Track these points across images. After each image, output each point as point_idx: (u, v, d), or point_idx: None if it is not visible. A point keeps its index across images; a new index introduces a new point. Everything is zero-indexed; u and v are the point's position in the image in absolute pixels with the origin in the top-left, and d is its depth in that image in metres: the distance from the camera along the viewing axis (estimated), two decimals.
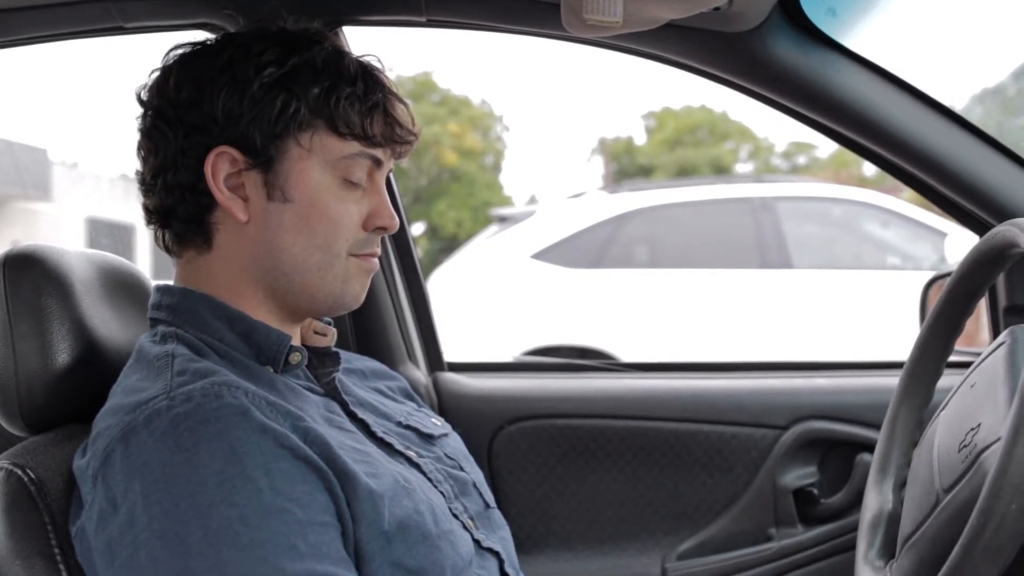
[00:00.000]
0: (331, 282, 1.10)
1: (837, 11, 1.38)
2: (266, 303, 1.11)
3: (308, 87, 1.07)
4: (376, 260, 1.15)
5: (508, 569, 1.14)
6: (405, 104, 1.15)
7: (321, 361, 1.17)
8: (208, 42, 1.14)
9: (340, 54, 1.12)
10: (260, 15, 1.19)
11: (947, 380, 1.21)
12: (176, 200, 1.08)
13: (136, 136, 1.12)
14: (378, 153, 1.11)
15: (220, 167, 1.06)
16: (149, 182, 1.10)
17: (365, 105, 1.09)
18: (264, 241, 1.08)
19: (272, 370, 1.08)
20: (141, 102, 1.12)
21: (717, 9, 1.27)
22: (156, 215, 1.11)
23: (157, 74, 1.12)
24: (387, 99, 1.12)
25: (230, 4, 1.34)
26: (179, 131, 1.07)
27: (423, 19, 1.43)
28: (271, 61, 1.07)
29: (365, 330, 1.75)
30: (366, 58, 1.15)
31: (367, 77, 1.11)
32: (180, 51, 1.12)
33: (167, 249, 1.13)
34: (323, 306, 1.12)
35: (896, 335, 2.63)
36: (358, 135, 1.09)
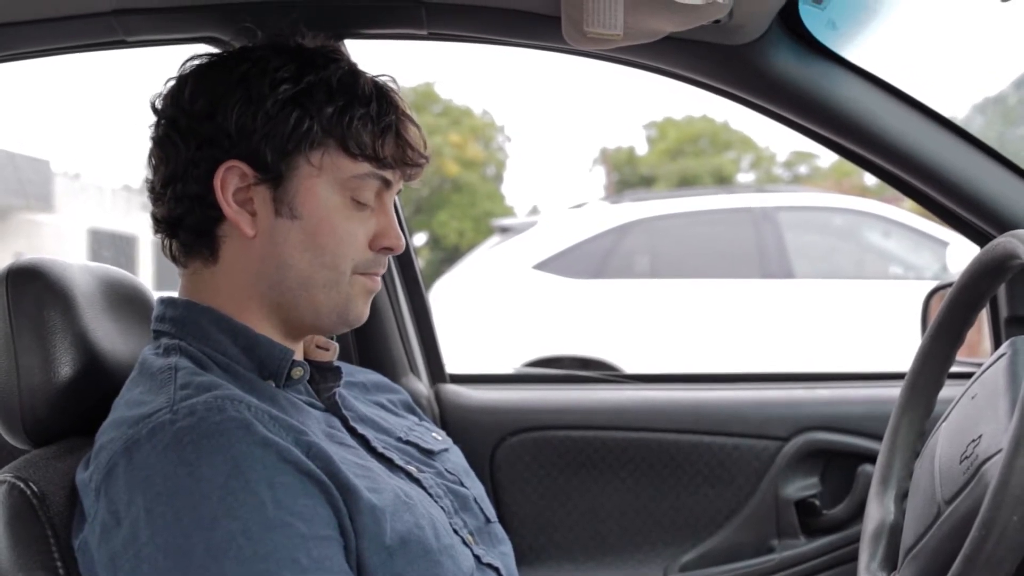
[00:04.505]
0: (335, 299, 1.10)
1: (837, 23, 1.38)
2: (270, 318, 1.11)
3: (322, 106, 1.07)
4: (379, 280, 1.15)
5: None
6: (418, 126, 1.15)
7: (323, 376, 1.17)
8: (225, 54, 1.14)
9: (356, 74, 1.12)
10: (266, 29, 1.19)
11: (948, 391, 1.21)
12: (184, 211, 1.09)
13: (147, 144, 1.12)
14: (388, 174, 1.12)
15: (229, 181, 1.07)
16: (158, 191, 1.10)
17: (378, 126, 1.09)
18: (270, 257, 1.08)
19: (274, 384, 1.08)
20: (155, 110, 1.12)
21: (717, 22, 1.27)
22: (164, 224, 1.11)
23: (172, 83, 1.12)
24: (400, 121, 1.12)
25: (233, 19, 1.35)
26: (191, 142, 1.07)
27: (424, 32, 1.44)
28: (287, 78, 1.07)
29: (367, 342, 1.75)
30: (381, 78, 1.15)
31: (381, 98, 1.11)
32: (196, 62, 1.13)
33: (173, 259, 1.13)
34: (327, 323, 1.12)
35: (897, 345, 2.63)
36: (369, 156, 1.09)
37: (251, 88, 1.07)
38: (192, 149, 1.07)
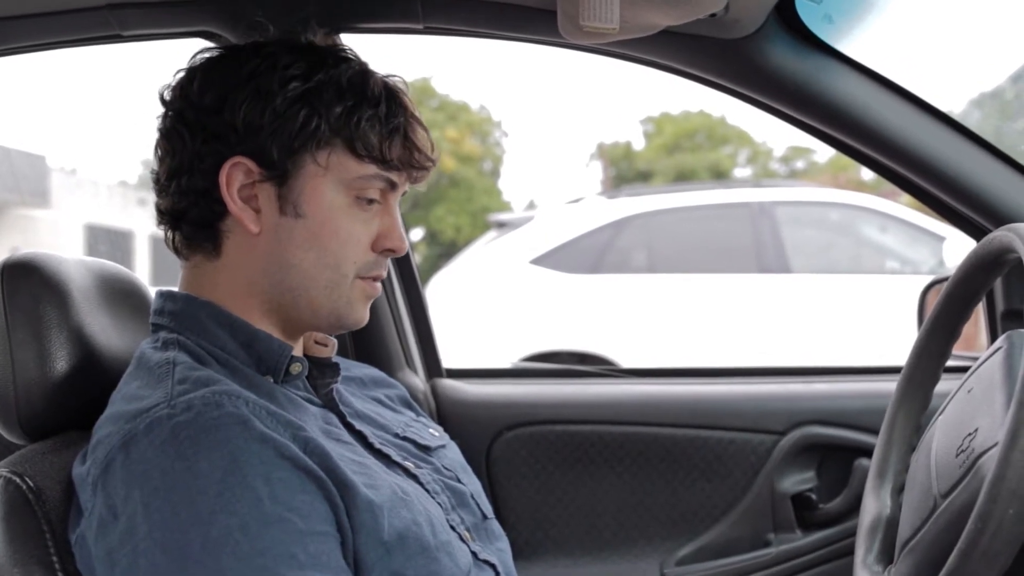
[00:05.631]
0: (335, 301, 1.10)
1: (833, 17, 1.38)
2: (269, 315, 1.11)
3: (331, 105, 1.06)
4: (379, 285, 1.15)
5: None
6: (426, 129, 1.14)
7: (321, 372, 1.17)
8: (235, 49, 1.13)
9: (366, 74, 1.11)
10: (256, 23, 1.19)
11: (945, 385, 1.21)
12: (189, 204, 1.08)
13: (155, 135, 1.12)
14: (393, 176, 1.11)
15: (235, 177, 1.06)
16: (164, 183, 1.10)
17: (386, 128, 1.09)
18: (273, 255, 1.08)
19: (272, 380, 1.08)
20: (163, 102, 1.11)
21: (713, 16, 1.27)
22: (168, 216, 1.11)
23: (181, 75, 1.11)
24: (408, 123, 1.12)
25: (227, 13, 1.35)
26: (198, 136, 1.07)
27: (420, 26, 1.43)
28: (297, 75, 1.06)
29: (364, 337, 1.75)
30: (392, 79, 1.14)
31: (391, 99, 1.11)
32: (206, 55, 1.12)
33: (176, 251, 1.12)
34: (325, 323, 1.12)
35: (894, 340, 2.63)
36: (376, 157, 1.08)
37: (260, 84, 1.06)
38: (199, 143, 1.07)
